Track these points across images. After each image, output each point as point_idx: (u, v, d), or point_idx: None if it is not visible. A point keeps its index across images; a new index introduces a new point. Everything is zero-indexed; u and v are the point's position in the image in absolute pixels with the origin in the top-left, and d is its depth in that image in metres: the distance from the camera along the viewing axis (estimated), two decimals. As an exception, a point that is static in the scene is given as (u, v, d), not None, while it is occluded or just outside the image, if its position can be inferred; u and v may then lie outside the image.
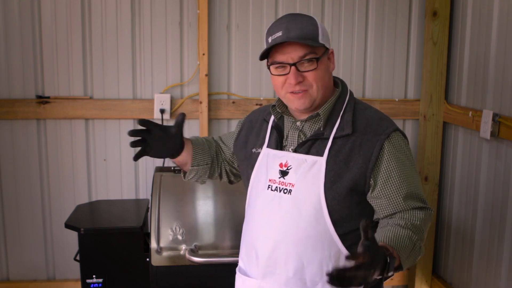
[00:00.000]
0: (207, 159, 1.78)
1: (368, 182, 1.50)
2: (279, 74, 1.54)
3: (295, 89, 1.52)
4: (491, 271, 2.56)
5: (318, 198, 1.50)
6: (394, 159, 1.50)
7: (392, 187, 1.50)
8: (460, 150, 2.89)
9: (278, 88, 1.57)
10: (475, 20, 2.72)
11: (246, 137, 1.75)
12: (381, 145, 1.50)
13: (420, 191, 1.53)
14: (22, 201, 2.94)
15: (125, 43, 2.89)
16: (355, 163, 1.49)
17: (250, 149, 1.70)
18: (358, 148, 1.50)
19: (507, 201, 2.43)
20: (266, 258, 1.57)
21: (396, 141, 1.52)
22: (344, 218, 1.51)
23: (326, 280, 1.17)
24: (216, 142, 1.87)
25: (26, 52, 2.83)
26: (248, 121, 1.80)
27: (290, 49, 1.50)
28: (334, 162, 1.51)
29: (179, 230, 2.32)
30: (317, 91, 1.54)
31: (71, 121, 2.92)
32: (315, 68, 1.52)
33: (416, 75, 3.11)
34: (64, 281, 3.02)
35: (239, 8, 2.95)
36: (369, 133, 1.52)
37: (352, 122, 1.54)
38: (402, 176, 1.50)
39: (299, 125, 1.61)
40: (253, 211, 1.64)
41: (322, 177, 1.50)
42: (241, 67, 2.99)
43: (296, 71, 1.51)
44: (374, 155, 1.49)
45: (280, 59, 1.52)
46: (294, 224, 1.52)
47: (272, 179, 1.58)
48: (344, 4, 3.01)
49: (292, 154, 1.58)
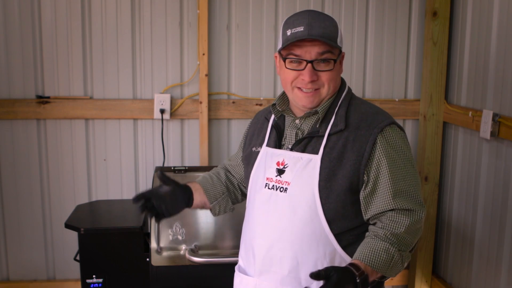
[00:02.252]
0: (221, 190, 1.83)
1: (362, 178, 1.49)
2: (293, 69, 1.53)
3: (307, 86, 1.52)
4: (491, 271, 2.56)
5: (313, 197, 1.49)
6: (385, 155, 1.47)
7: (381, 184, 1.48)
8: (460, 150, 2.89)
9: (287, 81, 1.56)
10: (475, 20, 2.72)
11: (250, 139, 1.77)
12: (374, 139, 1.48)
13: (413, 189, 1.49)
14: (22, 201, 2.94)
15: (125, 43, 2.89)
16: (348, 160, 1.48)
17: (251, 148, 1.71)
18: (352, 143, 1.49)
19: (507, 201, 2.43)
20: (262, 256, 1.57)
21: (389, 135, 1.50)
22: (339, 217, 1.50)
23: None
24: (224, 168, 1.91)
25: (26, 52, 2.83)
26: (252, 124, 1.82)
27: (310, 45, 1.49)
28: (328, 159, 1.50)
29: (179, 230, 2.32)
30: (327, 92, 1.54)
31: (71, 121, 2.92)
32: (331, 69, 1.52)
33: (416, 75, 3.11)
34: (64, 281, 3.02)
35: (239, 8, 2.95)
36: (363, 127, 1.50)
37: (345, 117, 1.53)
38: (391, 173, 1.47)
39: (298, 123, 1.61)
40: (251, 209, 1.65)
41: (317, 175, 1.50)
42: (241, 67, 2.99)
43: (312, 69, 1.50)
44: (367, 151, 1.47)
45: (298, 53, 1.51)
46: (289, 223, 1.52)
47: (269, 178, 1.59)
48: (344, 4, 3.01)
49: (289, 152, 1.58)
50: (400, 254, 1.45)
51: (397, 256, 1.44)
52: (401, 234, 1.45)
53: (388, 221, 1.47)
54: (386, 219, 1.47)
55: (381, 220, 1.48)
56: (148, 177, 3.00)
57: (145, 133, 2.98)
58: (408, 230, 1.46)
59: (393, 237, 1.45)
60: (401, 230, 1.45)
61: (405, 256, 1.47)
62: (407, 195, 1.48)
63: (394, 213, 1.47)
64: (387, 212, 1.48)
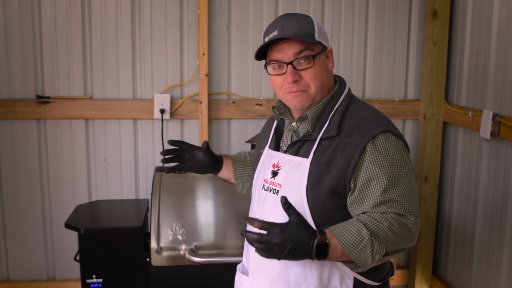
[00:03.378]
0: (249, 172, 1.90)
1: (348, 185, 1.46)
2: (277, 74, 1.54)
3: (293, 89, 1.52)
4: (491, 271, 2.56)
5: (301, 200, 1.49)
6: (374, 163, 1.43)
7: (369, 193, 1.43)
8: (460, 150, 2.89)
9: (277, 88, 1.57)
10: (475, 20, 2.72)
11: (260, 141, 1.79)
12: (364, 147, 1.44)
13: (403, 199, 1.42)
14: (22, 201, 2.94)
15: (125, 43, 2.89)
16: (335, 166, 1.46)
17: (259, 150, 1.74)
18: (342, 150, 1.47)
19: (507, 201, 2.43)
20: (255, 256, 1.57)
21: (381, 143, 1.45)
22: (327, 221, 1.46)
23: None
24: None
25: (26, 52, 2.83)
26: (264, 125, 1.85)
27: (286, 46, 1.50)
28: (317, 164, 1.49)
29: (179, 230, 2.32)
30: (316, 91, 1.53)
31: (71, 121, 2.92)
32: (311, 65, 1.51)
33: (416, 75, 3.11)
34: (64, 281, 3.02)
35: (239, 8, 2.95)
36: (354, 135, 1.47)
37: (339, 123, 1.51)
38: (379, 182, 1.42)
39: (294, 125, 1.61)
40: (251, 209, 1.69)
41: (305, 179, 1.49)
42: (241, 67, 2.99)
43: (293, 69, 1.50)
44: (355, 158, 1.44)
45: (276, 57, 1.51)
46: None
47: (266, 179, 1.61)
48: (344, 4, 3.01)
49: (283, 155, 1.59)
50: (372, 242, 1.35)
51: (367, 241, 1.35)
52: (382, 227, 1.37)
53: (375, 214, 1.41)
54: (375, 212, 1.42)
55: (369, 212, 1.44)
56: (148, 177, 3.00)
57: (145, 133, 2.98)
58: (392, 228, 1.38)
59: (372, 224, 1.37)
60: (384, 224, 1.37)
61: (378, 248, 1.37)
62: (398, 204, 1.41)
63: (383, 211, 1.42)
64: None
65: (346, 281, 1.51)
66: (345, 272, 1.50)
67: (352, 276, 1.51)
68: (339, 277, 1.50)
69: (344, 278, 1.51)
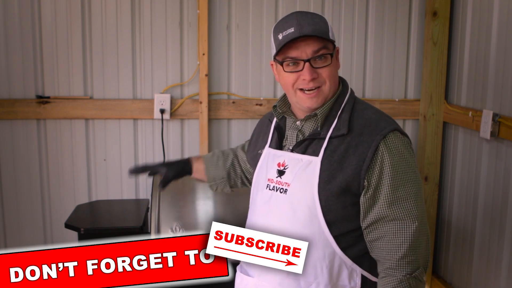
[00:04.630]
0: (221, 174, 1.92)
1: (362, 183, 1.47)
2: (292, 71, 1.52)
3: (309, 85, 1.51)
4: (491, 271, 2.56)
5: (312, 198, 1.49)
6: (386, 162, 1.46)
7: (382, 190, 1.46)
8: (460, 150, 2.89)
9: (288, 86, 1.55)
10: (475, 20, 2.72)
11: (255, 141, 1.78)
12: (376, 146, 1.46)
13: (412, 197, 1.47)
14: (22, 201, 2.94)
15: (125, 43, 2.89)
16: (349, 164, 1.47)
17: (257, 150, 1.72)
18: (354, 148, 1.48)
19: (507, 201, 2.43)
20: None
21: (392, 141, 1.48)
22: (338, 219, 1.49)
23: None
24: (234, 154, 1.95)
25: (26, 52, 2.83)
26: (257, 126, 1.83)
27: (304, 44, 1.49)
28: (328, 162, 1.49)
29: (179, 230, 2.32)
30: (329, 88, 1.54)
31: (71, 121, 2.92)
32: (329, 64, 1.51)
33: (416, 75, 3.11)
34: (64, 281, 3.02)
35: (239, 8, 2.95)
36: (366, 134, 1.49)
37: (348, 122, 1.52)
38: (392, 180, 1.45)
39: (298, 124, 1.61)
40: (253, 210, 1.66)
41: (316, 177, 1.49)
42: (241, 67, 2.99)
43: (310, 67, 1.49)
44: (368, 157, 1.46)
45: (294, 55, 1.50)
46: (289, 224, 1.52)
47: (270, 179, 1.59)
48: (344, 4, 3.01)
49: (289, 153, 1.58)
50: (408, 279, 1.45)
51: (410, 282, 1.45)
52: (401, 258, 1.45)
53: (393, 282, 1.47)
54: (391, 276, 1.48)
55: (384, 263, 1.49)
56: (148, 177, 3.00)
57: (145, 133, 2.98)
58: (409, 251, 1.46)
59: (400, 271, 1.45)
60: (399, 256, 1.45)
61: (419, 273, 1.46)
62: (405, 202, 1.47)
63: (387, 229, 1.48)
64: (380, 225, 1.48)
65: (354, 278, 1.52)
66: (353, 269, 1.52)
67: (360, 273, 1.52)
68: (348, 274, 1.51)
69: (353, 275, 1.52)
